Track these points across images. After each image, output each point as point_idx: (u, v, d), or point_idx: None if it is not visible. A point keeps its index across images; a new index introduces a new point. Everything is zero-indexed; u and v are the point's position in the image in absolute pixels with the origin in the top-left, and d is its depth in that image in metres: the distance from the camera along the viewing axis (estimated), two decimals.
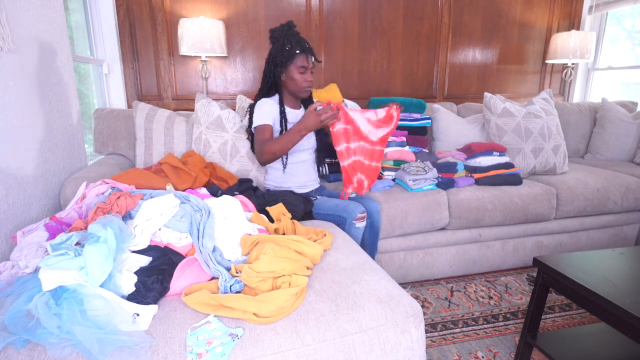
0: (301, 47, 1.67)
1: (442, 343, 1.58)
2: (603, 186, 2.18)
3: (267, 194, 1.60)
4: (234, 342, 0.81)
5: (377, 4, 2.83)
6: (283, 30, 1.68)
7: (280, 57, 1.67)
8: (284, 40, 1.66)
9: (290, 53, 1.66)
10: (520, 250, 2.18)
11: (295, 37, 1.68)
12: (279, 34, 1.68)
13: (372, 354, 0.88)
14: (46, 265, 0.86)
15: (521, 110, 2.31)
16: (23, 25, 1.38)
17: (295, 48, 1.66)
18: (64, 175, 1.62)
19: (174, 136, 1.91)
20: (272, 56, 1.70)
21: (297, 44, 1.66)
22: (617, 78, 3.44)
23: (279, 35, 1.68)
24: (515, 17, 3.13)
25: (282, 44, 1.66)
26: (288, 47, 1.66)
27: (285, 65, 1.68)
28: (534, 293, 1.38)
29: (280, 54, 1.67)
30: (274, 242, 1.09)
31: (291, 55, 1.66)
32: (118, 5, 2.47)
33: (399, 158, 2.11)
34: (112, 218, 1.00)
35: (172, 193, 1.18)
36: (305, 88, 1.73)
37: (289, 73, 1.69)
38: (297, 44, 1.66)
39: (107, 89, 2.55)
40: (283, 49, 1.66)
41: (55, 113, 1.59)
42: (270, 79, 1.73)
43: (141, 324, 0.84)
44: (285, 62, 1.67)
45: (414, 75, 3.03)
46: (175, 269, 1.00)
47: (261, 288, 0.94)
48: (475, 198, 2.00)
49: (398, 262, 1.98)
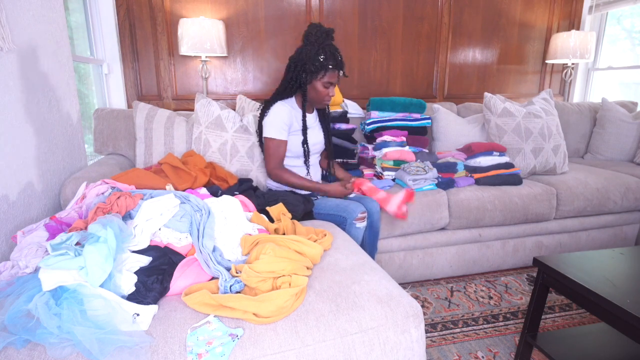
0: (334, 62, 1.60)
1: (442, 343, 1.58)
2: (603, 186, 2.18)
3: (267, 194, 1.60)
4: (234, 342, 0.81)
5: (377, 4, 2.83)
6: (321, 37, 1.60)
7: (311, 65, 1.60)
8: (318, 49, 1.59)
9: (323, 65, 1.60)
10: (520, 250, 2.18)
11: (331, 49, 1.61)
12: (315, 39, 1.60)
13: (372, 354, 0.88)
14: (46, 265, 0.86)
15: (521, 110, 2.31)
16: (23, 25, 1.38)
17: (328, 61, 1.59)
18: (64, 175, 1.62)
19: (174, 136, 1.91)
20: (302, 60, 1.62)
21: (331, 57, 1.60)
22: (617, 78, 3.44)
23: (315, 40, 1.60)
24: (515, 17, 3.13)
25: (316, 51, 1.59)
26: (322, 57, 1.59)
27: (313, 76, 1.63)
28: (534, 293, 1.38)
29: (311, 62, 1.60)
30: (274, 242, 1.09)
31: (322, 68, 1.60)
32: (118, 5, 2.47)
33: (399, 158, 2.11)
34: (112, 218, 1.00)
35: (172, 193, 1.18)
36: (326, 102, 1.71)
37: (314, 84, 1.65)
38: (332, 58, 1.60)
39: (107, 89, 2.55)
40: (315, 58, 1.59)
41: (55, 113, 1.59)
42: (295, 84, 1.67)
43: (141, 324, 0.84)
44: (315, 72, 1.62)
45: (414, 75, 3.03)
46: (175, 269, 1.01)
47: (261, 288, 0.94)
48: (475, 198, 2.00)
49: (398, 262, 1.99)
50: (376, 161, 2.20)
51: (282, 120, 1.66)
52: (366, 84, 2.95)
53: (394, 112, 2.36)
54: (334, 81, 1.66)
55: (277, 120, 1.66)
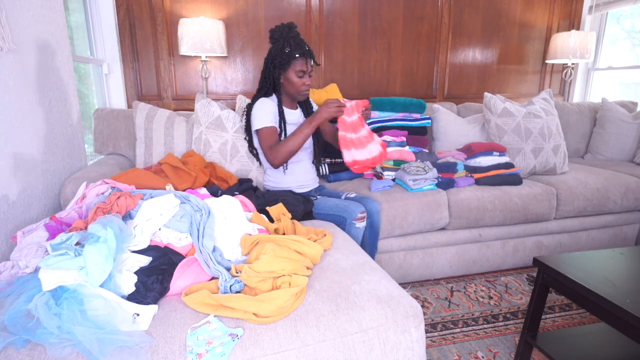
0: (301, 51, 1.65)
1: (442, 343, 1.58)
2: (603, 186, 2.18)
3: (267, 194, 1.60)
4: (234, 342, 0.81)
5: (377, 4, 2.83)
6: (283, 32, 1.66)
7: (279, 59, 1.66)
8: (283, 42, 1.65)
9: (290, 56, 1.64)
10: (520, 250, 2.18)
11: (295, 39, 1.66)
12: (279, 35, 1.67)
13: (372, 354, 0.88)
14: (46, 265, 0.86)
15: (521, 110, 2.31)
16: (23, 25, 1.38)
17: (294, 51, 1.64)
18: (64, 175, 1.62)
19: (174, 136, 1.91)
20: (271, 57, 1.69)
21: (296, 46, 1.65)
22: (617, 78, 3.44)
23: (278, 36, 1.67)
24: (515, 17, 3.13)
25: (282, 46, 1.65)
26: (287, 49, 1.64)
27: (284, 68, 1.67)
28: (534, 293, 1.38)
29: (279, 56, 1.65)
30: (274, 242, 1.09)
31: (290, 58, 1.65)
32: (118, 5, 2.47)
33: (399, 158, 2.11)
34: (112, 218, 1.00)
35: (172, 193, 1.18)
36: (303, 92, 1.73)
37: (287, 76, 1.69)
38: (297, 47, 1.65)
39: (107, 89, 2.55)
40: (282, 52, 1.65)
41: (55, 113, 1.59)
42: (269, 81, 1.72)
43: (141, 324, 0.84)
44: (284, 65, 1.66)
45: (414, 75, 3.03)
46: (175, 269, 1.01)
47: (261, 288, 0.94)
48: (475, 198, 2.00)
49: (398, 262, 1.98)
50: None
51: (268, 111, 1.69)
52: (366, 84, 2.95)
53: (394, 112, 2.36)
54: (305, 69, 1.68)
55: (262, 112, 1.68)
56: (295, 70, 1.67)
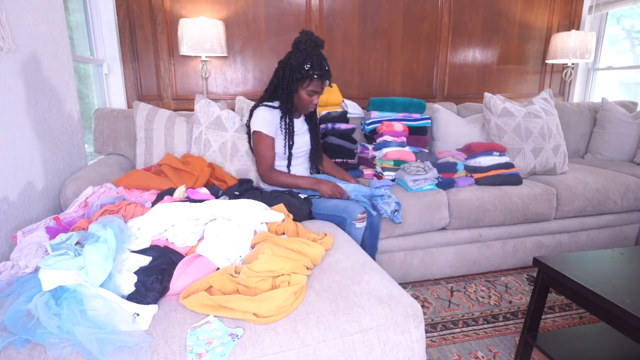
0: (320, 72, 1.63)
1: (442, 343, 1.58)
2: (603, 186, 2.18)
3: (272, 194, 1.60)
4: (234, 342, 0.81)
5: (377, 4, 2.83)
6: (309, 46, 1.63)
7: (297, 72, 1.64)
8: (306, 57, 1.62)
9: (308, 74, 1.63)
10: (520, 250, 2.18)
11: (318, 58, 1.63)
12: (304, 47, 1.63)
13: (372, 354, 0.88)
14: (46, 265, 0.86)
15: (521, 110, 2.31)
16: (23, 25, 1.38)
17: (314, 71, 1.62)
18: (64, 175, 1.62)
19: (174, 136, 1.91)
20: (291, 67, 1.65)
21: (317, 66, 1.62)
22: (617, 78, 3.44)
23: (303, 48, 1.63)
24: (515, 17, 3.13)
25: (303, 59, 1.62)
26: (307, 66, 1.62)
27: (298, 83, 1.66)
28: (534, 293, 1.38)
29: (298, 70, 1.63)
30: (272, 242, 1.09)
31: (307, 77, 1.63)
32: (118, 5, 2.47)
33: (399, 158, 2.11)
34: (112, 218, 1.00)
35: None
36: (309, 110, 1.75)
37: (299, 91, 1.69)
38: (318, 67, 1.62)
39: (107, 89, 2.55)
40: (301, 66, 1.62)
41: (55, 113, 1.59)
42: (285, 90, 1.69)
43: (141, 324, 0.84)
44: (300, 80, 1.65)
45: (414, 75, 3.03)
46: (175, 268, 1.00)
47: (261, 288, 0.94)
48: (475, 198, 2.00)
49: (398, 262, 1.98)
50: (376, 161, 2.19)
51: (267, 119, 1.70)
52: (366, 84, 2.95)
53: (394, 112, 2.36)
54: (318, 90, 1.69)
55: (263, 119, 1.70)
56: (308, 89, 1.67)
